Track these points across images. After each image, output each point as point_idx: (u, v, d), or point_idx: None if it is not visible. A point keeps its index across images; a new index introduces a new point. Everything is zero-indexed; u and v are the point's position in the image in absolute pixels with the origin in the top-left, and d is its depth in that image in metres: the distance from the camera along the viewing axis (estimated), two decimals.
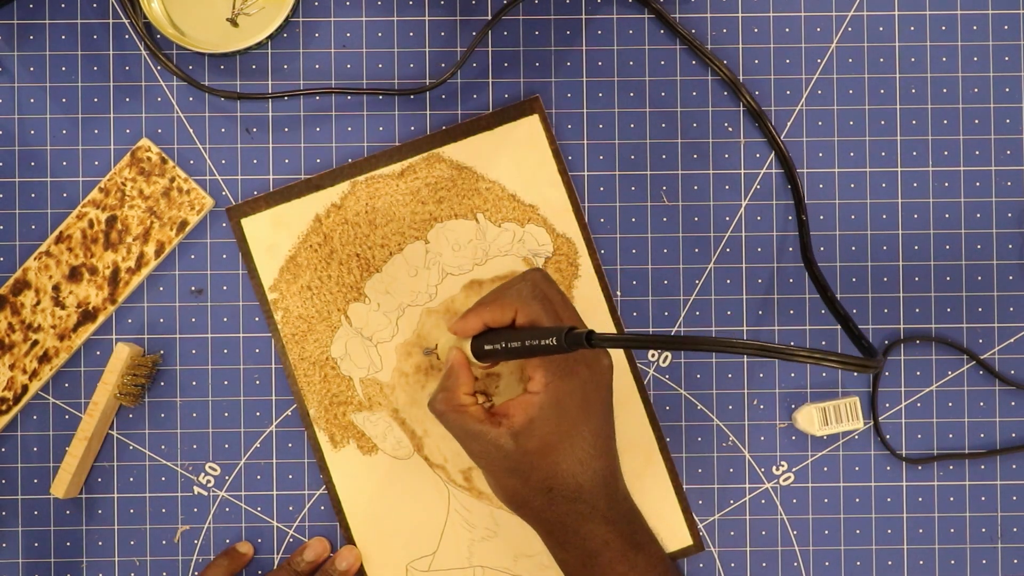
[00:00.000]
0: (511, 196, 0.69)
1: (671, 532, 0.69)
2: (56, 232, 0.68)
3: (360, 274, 0.69)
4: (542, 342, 0.55)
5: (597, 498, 0.60)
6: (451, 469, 0.69)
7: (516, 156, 0.69)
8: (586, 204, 0.70)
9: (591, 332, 0.53)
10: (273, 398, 0.69)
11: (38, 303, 0.68)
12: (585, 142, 0.70)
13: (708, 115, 0.70)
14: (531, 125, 0.69)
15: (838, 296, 0.69)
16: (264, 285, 0.69)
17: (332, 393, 0.69)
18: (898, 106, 0.70)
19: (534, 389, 0.59)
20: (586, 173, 0.70)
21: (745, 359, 0.70)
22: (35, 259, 0.68)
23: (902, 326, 0.70)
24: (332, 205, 0.69)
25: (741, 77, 0.70)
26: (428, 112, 0.70)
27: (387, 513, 0.69)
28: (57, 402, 0.69)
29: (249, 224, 0.69)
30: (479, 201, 0.69)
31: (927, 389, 0.70)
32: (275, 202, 0.69)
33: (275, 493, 0.69)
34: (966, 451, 0.70)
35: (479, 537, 0.69)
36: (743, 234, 0.70)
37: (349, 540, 0.69)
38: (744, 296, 0.70)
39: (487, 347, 0.59)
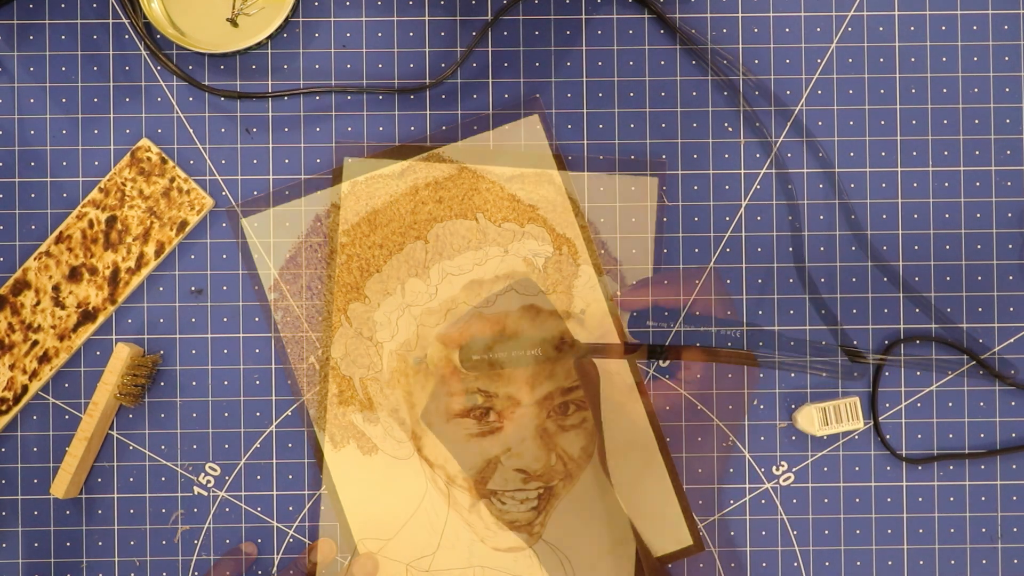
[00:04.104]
0: (511, 196, 0.69)
1: (671, 532, 0.69)
2: (56, 232, 0.68)
3: (360, 274, 0.69)
4: (527, 352, 0.58)
5: None
6: (451, 469, 0.69)
7: (516, 156, 0.69)
8: (586, 204, 0.70)
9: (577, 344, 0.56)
10: (273, 398, 0.69)
11: (38, 303, 0.68)
12: (585, 142, 0.70)
13: (708, 115, 0.70)
14: (531, 125, 0.69)
15: (838, 295, 0.70)
16: (264, 285, 0.69)
17: (332, 393, 0.69)
18: (898, 106, 0.70)
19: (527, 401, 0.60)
20: (586, 173, 0.70)
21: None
22: (35, 259, 0.68)
23: (902, 326, 0.70)
24: (332, 205, 0.69)
25: (741, 77, 0.70)
26: (428, 112, 0.70)
27: (387, 513, 0.69)
28: (57, 402, 0.69)
29: (249, 224, 0.69)
30: (479, 201, 0.69)
31: (927, 389, 0.70)
32: (275, 202, 0.69)
33: (275, 493, 0.69)
34: (966, 451, 0.70)
35: (479, 537, 0.69)
36: (743, 234, 0.70)
37: (349, 540, 0.69)
38: (744, 296, 0.70)
39: (475, 357, 0.61)
